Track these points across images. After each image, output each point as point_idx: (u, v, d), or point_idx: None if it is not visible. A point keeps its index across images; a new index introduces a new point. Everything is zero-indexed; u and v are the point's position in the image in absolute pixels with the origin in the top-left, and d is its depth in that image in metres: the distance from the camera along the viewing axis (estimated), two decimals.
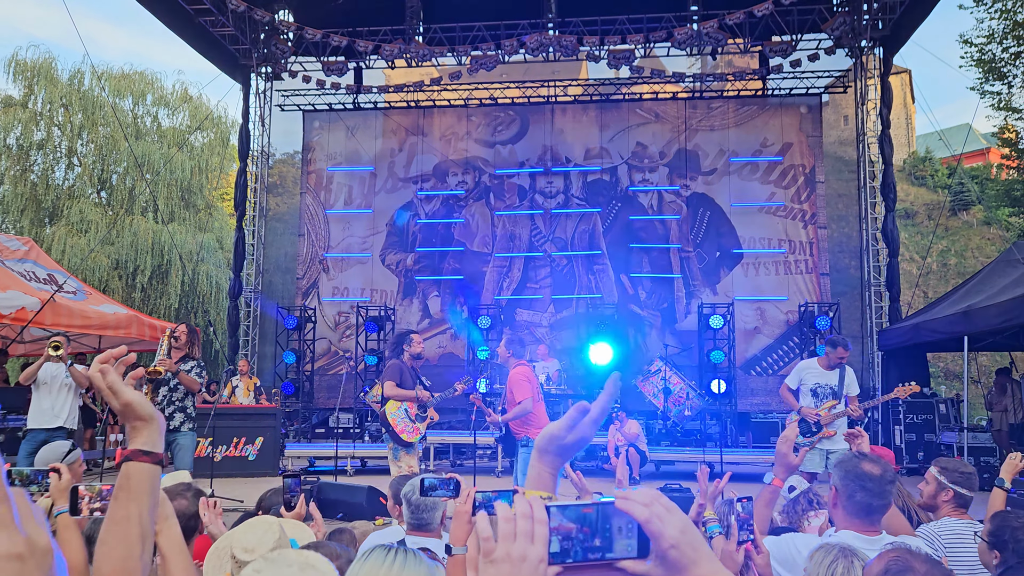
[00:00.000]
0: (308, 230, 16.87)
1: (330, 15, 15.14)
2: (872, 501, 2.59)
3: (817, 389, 6.72)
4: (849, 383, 6.68)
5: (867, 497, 2.60)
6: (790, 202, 15.65)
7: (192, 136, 23.07)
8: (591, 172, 16.38)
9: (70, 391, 7.75)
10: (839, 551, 2.19)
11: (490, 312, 15.32)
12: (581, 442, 1.14)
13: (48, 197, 22.04)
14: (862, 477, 2.62)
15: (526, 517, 0.86)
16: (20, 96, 21.90)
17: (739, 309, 15.03)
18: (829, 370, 6.72)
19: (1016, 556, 2.61)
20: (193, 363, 7.01)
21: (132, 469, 1.37)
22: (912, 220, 36.26)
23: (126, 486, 1.36)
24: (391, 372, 6.87)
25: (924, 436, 11.98)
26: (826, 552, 2.22)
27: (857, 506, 2.62)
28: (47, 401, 7.54)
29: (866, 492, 2.60)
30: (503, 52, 14.55)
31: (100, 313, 11.23)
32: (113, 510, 1.36)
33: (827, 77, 15.96)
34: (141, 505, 1.36)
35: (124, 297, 20.18)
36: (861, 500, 2.60)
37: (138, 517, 1.34)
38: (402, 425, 6.71)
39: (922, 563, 1.94)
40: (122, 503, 1.35)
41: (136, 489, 1.36)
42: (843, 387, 6.65)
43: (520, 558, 0.84)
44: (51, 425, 7.56)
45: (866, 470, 2.61)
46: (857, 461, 2.67)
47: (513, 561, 0.84)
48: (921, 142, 48.29)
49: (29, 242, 12.64)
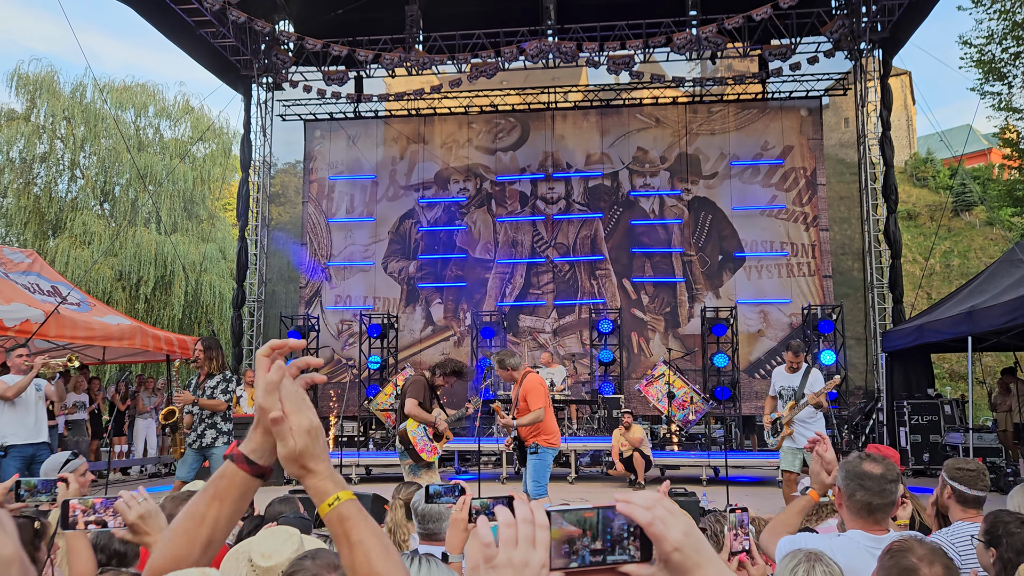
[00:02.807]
0: (310, 239, 16.90)
1: (330, 25, 15.19)
2: (872, 500, 2.61)
3: (782, 392, 7.37)
4: (812, 382, 7.22)
5: (867, 496, 2.62)
6: (792, 205, 15.65)
7: (194, 147, 23.12)
8: (592, 178, 16.39)
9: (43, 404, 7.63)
10: (804, 556, 2.21)
11: (493, 319, 15.33)
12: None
13: (51, 209, 22.09)
14: (862, 476, 2.63)
15: (527, 522, 0.85)
16: (23, 109, 21.97)
17: (742, 312, 15.01)
18: (792, 373, 7.35)
19: (1012, 551, 2.60)
20: (219, 377, 6.87)
21: (229, 471, 1.27)
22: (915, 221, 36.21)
23: (217, 484, 1.27)
24: (414, 389, 6.77)
25: (929, 437, 11.94)
26: (792, 556, 2.25)
27: (858, 505, 2.63)
28: (28, 416, 7.40)
29: (866, 491, 2.62)
30: (503, 59, 14.58)
31: (104, 324, 11.24)
32: (196, 504, 1.27)
33: (827, 80, 15.97)
34: (222, 510, 1.26)
35: (128, 308, 20.19)
36: (861, 499, 2.62)
37: (213, 520, 1.26)
38: (422, 444, 6.62)
39: (922, 547, 1.97)
40: (206, 500, 1.26)
41: (224, 492, 1.27)
42: (804, 387, 7.16)
43: (522, 563, 0.84)
44: (36, 440, 7.42)
45: (866, 469, 2.63)
46: (859, 461, 2.68)
47: (515, 566, 0.84)
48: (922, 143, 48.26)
49: (33, 254, 12.65)
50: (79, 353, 13.01)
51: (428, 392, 6.81)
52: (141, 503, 1.98)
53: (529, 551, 0.84)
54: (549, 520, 0.86)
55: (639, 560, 0.87)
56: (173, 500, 3.26)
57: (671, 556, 0.86)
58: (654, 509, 0.87)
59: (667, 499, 0.89)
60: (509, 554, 0.85)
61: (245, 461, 1.26)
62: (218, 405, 6.79)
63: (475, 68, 14.73)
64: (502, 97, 17.11)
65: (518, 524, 0.86)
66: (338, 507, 1.18)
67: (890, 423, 12.78)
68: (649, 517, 0.86)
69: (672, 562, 0.86)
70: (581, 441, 12.06)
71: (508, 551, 0.85)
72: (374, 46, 15.14)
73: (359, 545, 1.16)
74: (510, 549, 0.85)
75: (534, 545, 0.85)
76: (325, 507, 1.19)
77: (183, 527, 1.25)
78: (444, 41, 15.21)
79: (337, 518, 1.18)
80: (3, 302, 9.51)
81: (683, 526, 0.87)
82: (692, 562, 0.86)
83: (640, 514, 0.86)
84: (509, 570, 0.84)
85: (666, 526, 0.86)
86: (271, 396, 1.21)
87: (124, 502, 1.97)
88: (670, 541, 0.86)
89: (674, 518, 0.87)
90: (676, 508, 0.89)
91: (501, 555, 0.85)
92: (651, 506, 0.87)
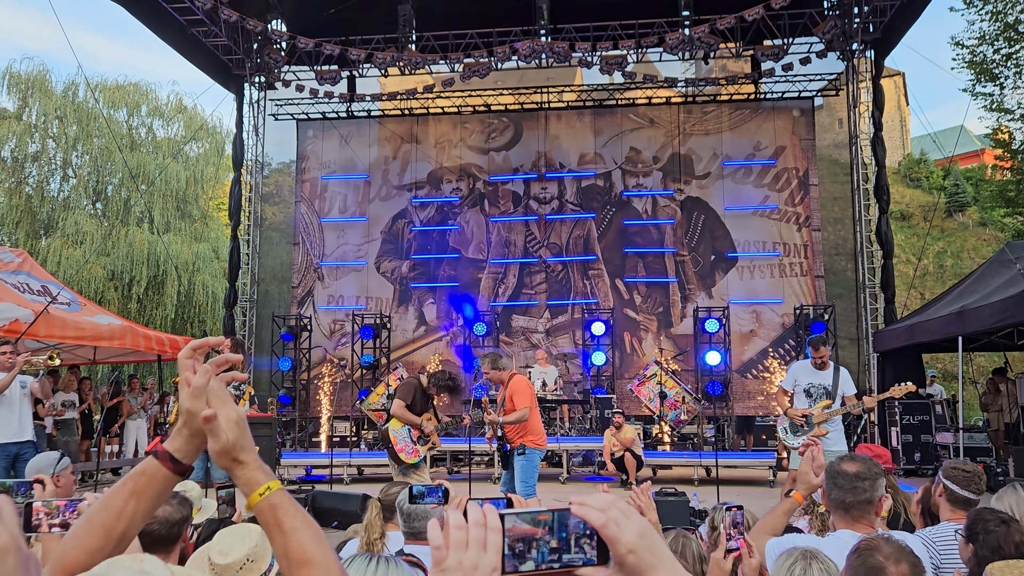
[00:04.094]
0: (303, 239, 16.87)
1: (323, 24, 15.15)
2: (845, 497, 2.69)
3: (811, 389, 6.78)
4: (844, 382, 6.74)
5: (840, 494, 2.70)
6: (784, 205, 15.68)
7: (187, 146, 23.07)
8: (585, 178, 16.39)
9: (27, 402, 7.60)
10: (800, 553, 2.25)
11: (486, 319, 15.32)
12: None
13: (43, 209, 22.03)
14: (836, 475, 2.72)
15: (479, 525, 0.84)
16: (15, 109, 21.89)
17: (735, 312, 15.03)
18: (820, 370, 6.77)
19: (986, 548, 2.63)
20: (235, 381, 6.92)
21: (151, 467, 1.27)
22: (907, 222, 36.27)
23: (136, 480, 1.26)
24: (404, 390, 6.86)
25: (920, 437, 11.96)
26: (788, 555, 2.28)
27: (833, 503, 2.74)
28: (12, 415, 7.37)
29: (839, 489, 2.70)
30: (496, 59, 14.58)
31: (94, 324, 11.20)
32: (112, 497, 1.25)
33: (819, 81, 16.00)
34: (139, 506, 1.26)
35: (120, 308, 20.13)
36: (835, 497, 2.71)
37: (131, 515, 1.25)
38: (402, 444, 6.68)
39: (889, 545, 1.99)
40: (124, 495, 1.25)
41: (143, 488, 1.26)
42: (837, 387, 6.68)
43: (472, 567, 0.82)
44: (20, 439, 7.39)
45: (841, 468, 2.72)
46: (838, 461, 2.76)
47: (465, 570, 0.82)
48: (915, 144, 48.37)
49: (23, 254, 12.62)
50: (70, 353, 12.99)
51: (420, 395, 6.86)
52: None
53: (480, 554, 0.83)
54: (502, 523, 0.85)
55: (596, 563, 0.86)
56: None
57: (626, 558, 0.85)
58: (608, 511, 0.86)
59: (621, 501, 0.88)
60: (459, 557, 0.83)
61: (169, 459, 1.27)
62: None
63: (468, 68, 14.72)
64: (495, 97, 17.10)
65: (469, 527, 0.85)
66: (269, 496, 1.21)
67: (881, 423, 12.81)
68: (603, 519, 0.85)
69: (627, 564, 0.86)
70: (573, 441, 12.05)
71: (458, 554, 0.84)
72: (367, 45, 15.11)
73: (292, 532, 1.19)
74: (460, 552, 0.84)
75: (485, 548, 0.84)
76: (256, 496, 1.21)
77: (100, 520, 1.24)
78: (437, 41, 15.19)
79: (268, 507, 1.21)
80: None
81: (638, 528, 0.86)
82: (647, 563, 0.86)
83: (594, 516, 0.85)
84: (459, 573, 0.83)
85: (620, 528, 0.85)
86: (198, 400, 1.24)
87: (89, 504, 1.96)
88: (624, 543, 0.85)
89: (628, 520, 0.86)
90: (631, 510, 0.88)
91: (451, 558, 0.84)
92: (605, 508, 0.86)
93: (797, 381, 6.89)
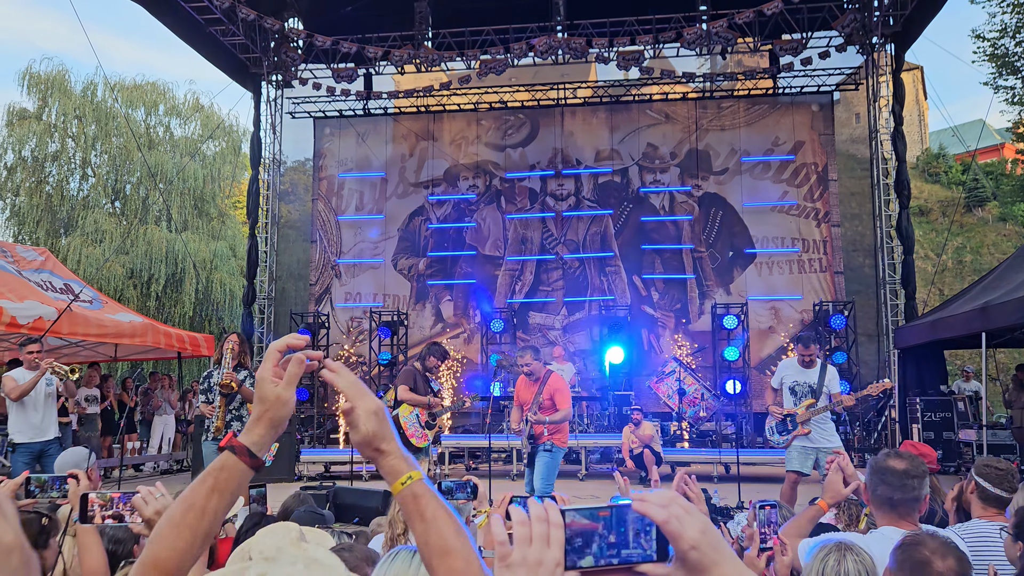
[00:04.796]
0: (320, 236, 16.94)
1: (339, 22, 15.19)
2: (893, 495, 2.65)
3: (795, 387, 6.86)
4: (830, 380, 6.80)
5: (888, 491, 2.67)
6: (803, 201, 15.57)
7: (204, 145, 23.21)
8: (602, 174, 16.35)
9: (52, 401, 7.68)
10: (835, 545, 2.26)
11: (503, 316, 15.32)
12: None
13: (63, 208, 22.24)
14: (883, 471, 2.69)
15: (541, 520, 0.85)
16: (34, 108, 22.10)
17: (753, 309, 14.96)
18: (807, 368, 6.82)
19: None
20: (246, 372, 7.02)
21: (230, 462, 1.28)
22: (927, 217, 35.95)
23: (216, 476, 1.27)
24: (404, 376, 7.08)
25: (943, 434, 11.85)
26: (823, 548, 2.29)
27: (879, 500, 2.70)
28: (36, 414, 7.45)
29: (887, 486, 2.67)
30: (512, 55, 14.56)
31: (116, 322, 11.30)
32: (194, 495, 1.26)
33: (838, 75, 15.86)
34: (220, 502, 1.27)
35: (139, 306, 20.29)
36: (882, 494, 2.67)
37: (213, 513, 1.26)
38: (412, 429, 6.84)
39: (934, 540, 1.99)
40: (205, 492, 1.26)
41: (223, 484, 1.27)
42: (823, 384, 6.69)
43: (536, 562, 0.83)
44: (44, 437, 7.47)
45: (889, 465, 2.68)
46: (884, 457, 2.73)
47: (529, 565, 0.83)
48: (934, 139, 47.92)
49: (45, 252, 12.74)
50: (91, 350, 13.12)
51: (421, 380, 7.06)
52: (158, 498, 1.99)
53: (543, 550, 0.83)
54: (564, 519, 0.85)
55: (655, 559, 0.86)
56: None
57: (688, 554, 0.85)
58: (670, 507, 0.85)
59: (682, 498, 0.88)
60: (523, 552, 0.84)
61: (248, 454, 1.28)
62: (252, 393, 6.88)
63: (484, 65, 14.71)
64: (511, 94, 17.08)
65: (532, 522, 0.85)
66: (411, 485, 1.23)
67: (903, 420, 12.71)
68: (665, 515, 0.85)
69: (689, 560, 0.85)
70: (591, 437, 12.04)
71: (522, 549, 0.84)
72: (383, 43, 15.14)
73: (433, 521, 1.20)
74: (524, 547, 0.84)
75: (548, 544, 0.84)
76: (398, 485, 1.23)
77: (187, 520, 1.25)
78: (453, 38, 15.19)
79: (411, 496, 1.22)
80: (16, 299, 9.58)
81: (700, 524, 0.86)
82: (709, 560, 0.85)
83: (655, 512, 0.85)
84: (523, 569, 0.83)
85: (682, 524, 0.85)
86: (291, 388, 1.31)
87: (142, 497, 1.98)
88: (686, 539, 0.85)
89: (690, 516, 0.86)
90: (692, 507, 0.87)
91: (515, 554, 0.84)
92: (667, 504, 0.86)
93: (784, 379, 6.97)
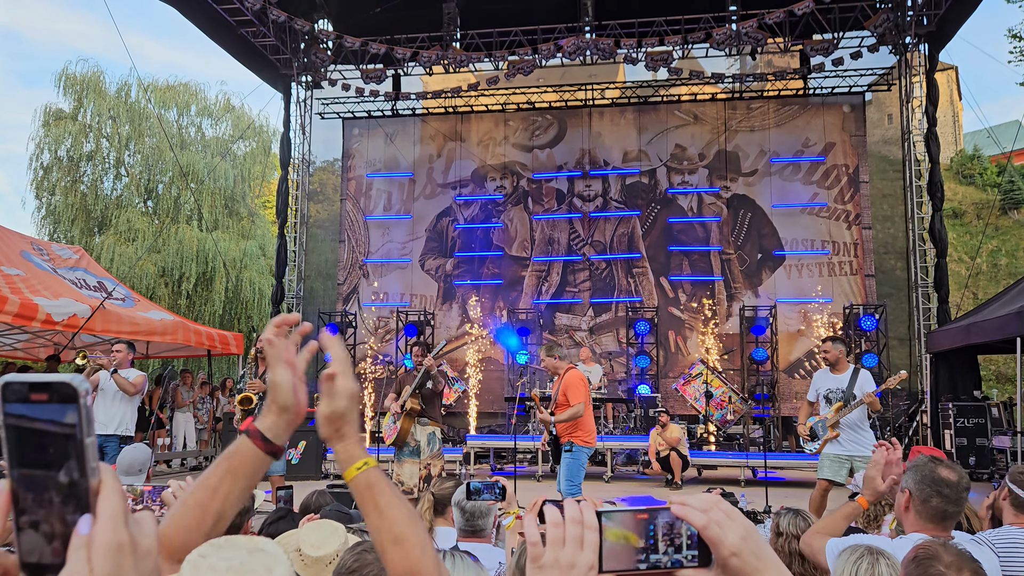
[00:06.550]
0: (348, 236, 17.05)
1: (368, 23, 15.29)
2: (948, 507, 2.55)
3: (829, 395, 6.70)
4: (862, 383, 6.60)
5: (943, 503, 2.55)
6: (833, 203, 15.38)
7: (235, 145, 23.46)
8: (629, 175, 16.28)
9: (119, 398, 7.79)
10: (866, 549, 2.18)
11: (529, 316, 15.31)
12: None
13: (97, 207, 22.58)
14: (939, 483, 2.56)
15: (576, 522, 0.83)
16: (70, 109, 22.48)
17: (782, 311, 14.80)
18: (837, 374, 6.71)
19: None
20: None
21: (244, 446, 1.25)
22: (960, 220, 35.33)
23: (231, 459, 1.25)
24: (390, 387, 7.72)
25: (976, 440, 11.64)
26: (853, 550, 2.21)
27: (932, 511, 2.57)
28: (98, 410, 7.57)
29: (942, 498, 2.55)
30: (540, 56, 14.54)
31: (148, 319, 11.46)
32: (208, 476, 1.25)
33: (870, 75, 15.65)
34: (234, 485, 1.24)
35: (170, 304, 20.56)
36: (937, 506, 2.55)
37: (225, 495, 1.24)
38: (388, 431, 7.42)
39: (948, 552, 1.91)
40: (219, 474, 1.24)
41: (237, 467, 1.25)
42: (854, 388, 6.58)
43: (569, 564, 0.82)
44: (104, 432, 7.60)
45: (943, 476, 2.56)
46: (933, 466, 2.62)
47: (562, 567, 0.82)
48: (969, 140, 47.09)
49: (80, 251, 12.96)
50: None
51: (402, 376, 7.62)
52: None
53: (577, 552, 0.82)
54: (599, 521, 0.84)
55: (696, 565, 0.84)
56: None
57: (729, 561, 0.83)
58: (711, 512, 0.84)
59: (724, 502, 0.87)
60: (556, 554, 0.83)
61: (261, 438, 1.26)
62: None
63: (512, 65, 14.72)
64: (539, 94, 17.07)
65: (566, 524, 0.84)
66: (366, 472, 1.23)
67: (935, 425, 12.50)
68: (705, 520, 0.83)
69: (730, 567, 0.83)
70: (617, 440, 11.99)
71: (555, 551, 0.83)
72: (412, 44, 15.21)
73: (387, 509, 1.21)
74: (557, 549, 0.83)
75: (582, 546, 0.83)
76: (353, 471, 1.23)
77: (196, 498, 1.24)
78: (481, 38, 15.22)
79: (365, 483, 1.22)
80: (52, 297, 9.75)
81: (741, 530, 0.84)
82: (751, 567, 0.83)
83: (696, 517, 0.83)
84: (555, 571, 0.82)
85: (723, 530, 0.83)
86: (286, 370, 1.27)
87: (171, 492, 2.00)
88: (727, 545, 0.83)
89: (732, 521, 0.84)
90: (734, 511, 0.86)
91: (548, 555, 0.83)
92: (707, 509, 0.84)
93: (818, 389, 6.82)
